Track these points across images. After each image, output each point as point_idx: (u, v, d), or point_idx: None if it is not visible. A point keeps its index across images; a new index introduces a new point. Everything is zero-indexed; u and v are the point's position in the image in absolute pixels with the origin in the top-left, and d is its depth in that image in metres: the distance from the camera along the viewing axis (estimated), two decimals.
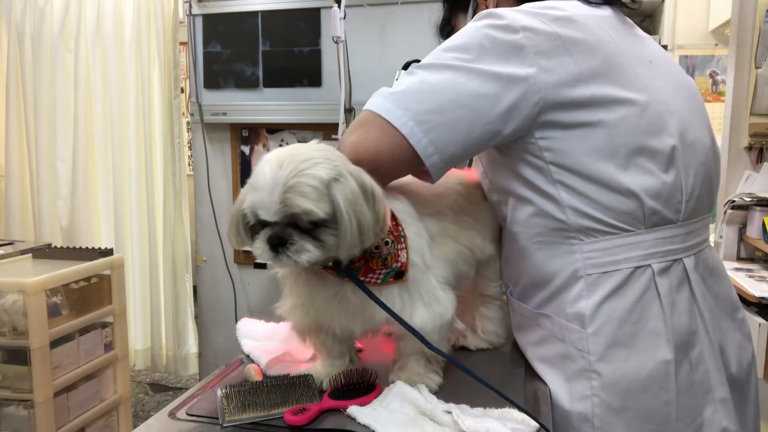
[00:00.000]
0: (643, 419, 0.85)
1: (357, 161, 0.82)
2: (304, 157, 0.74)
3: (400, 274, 0.83)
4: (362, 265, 0.81)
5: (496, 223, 1.04)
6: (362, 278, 0.81)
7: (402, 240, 0.83)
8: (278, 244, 0.75)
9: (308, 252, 0.75)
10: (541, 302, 0.94)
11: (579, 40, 0.84)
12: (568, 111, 0.84)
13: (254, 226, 0.78)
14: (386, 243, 0.81)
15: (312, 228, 0.75)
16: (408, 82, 0.86)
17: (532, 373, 0.97)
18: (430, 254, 0.88)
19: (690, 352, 0.87)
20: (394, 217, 0.83)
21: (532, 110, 0.83)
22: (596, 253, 0.87)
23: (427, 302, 0.85)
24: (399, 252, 0.83)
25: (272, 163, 0.74)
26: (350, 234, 0.74)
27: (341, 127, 2.25)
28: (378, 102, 0.85)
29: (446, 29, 1.15)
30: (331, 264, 0.81)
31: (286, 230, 0.75)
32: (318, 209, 0.73)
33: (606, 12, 0.93)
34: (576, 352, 0.88)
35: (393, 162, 0.85)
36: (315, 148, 0.78)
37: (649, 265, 0.86)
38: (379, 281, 0.82)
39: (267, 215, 0.74)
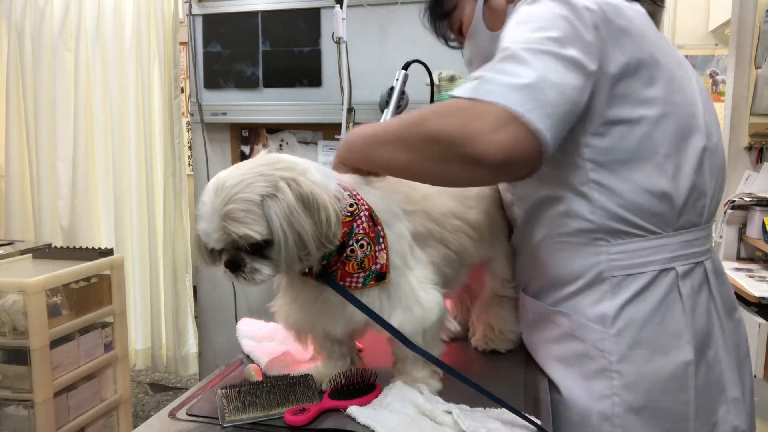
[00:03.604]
0: (662, 418, 0.86)
1: (507, 161, 0.73)
2: (237, 180, 0.74)
3: (381, 276, 0.82)
4: (339, 269, 0.80)
5: (493, 226, 1.03)
6: (341, 282, 0.80)
7: (381, 240, 0.82)
8: (236, 268, 0.76)
9: (260, 272, 0.76)
10: (557, 300, 0.93)
11: (628, 31, 0.82)
12: (612, 106, 0.82)
13: (214, 250, 0.78)
14: (361, 246, 0.80)
15: (261, 247, 0.75)
16: (524, 72, 0.75)
17: (532, 373, 0.97)
18: (412, 256, 0.87)
19: (707, 352, 0.88)
20: (371, 218, 0.82)
21: (586, 102, 0.80)
22: (622, 255, 0.86)
23: (406, 306, 0.83)
24: (377, 253, 0.81)
25: (210, 191, 0.75)
26: (287, 249, 0.74)
27: (342, 127, 2.25)
28: (515, 98, 0.73)
29: (440, 10, 1.06)
30: (307, 269, 0.80)
31: (238, 254, 0.76)
32: (254, 232, 0.73)
33: (640, 9, 0.90)
34: (596, 351, 0.87)
35: (523, 165, 0.76)
36: (251, 165, 0.77)
37: (674, 268, 0.86)
38: (359, 284, 0.81)
39: (213, 243, 0.76)
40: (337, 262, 0.80)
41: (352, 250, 0.80)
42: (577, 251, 0.89)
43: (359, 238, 0.80)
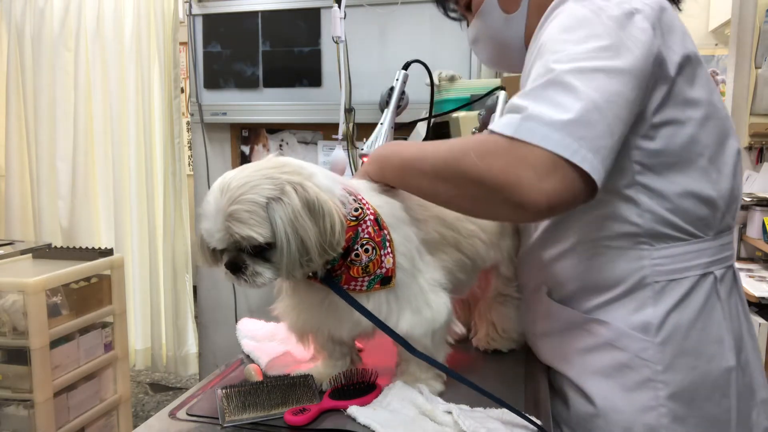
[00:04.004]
0: (705, 426, 0.85)
1: (555, 207, 0.70)
2: (243, 181, 0.74)
3: (386, 280, 0.81)
4: (343, 273, 0.80)
5: (502, 229, 1.02)
6: (345, 286, 0.80)
7: (387, 245, 0.81)
8: (236, 269, 0.76)
9: (261, 275, 0.76)
10: (592, 308, 0.89)
11: (675, 29, 0.80)
12: (663, 107, 0.80)
13: (215, 250, 0.78)
14: (366, 250, 0.79)
15: (263, 250, 0.75)
16: (569, 102, 0.69)
17: (532, 373, 0.97)
18: (420, 258, 0.86)
19: (740, 356, 0.87)
20: (377, 222, 0.81)
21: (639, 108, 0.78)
22: (665, 260, 0.84)
23: (416, 307, 0.83)
24: (383, 257, 0.80)
25: (215, 191, 0.75)
26: (289, 253, 0.73)
27: (341, 127, 2.25)
28: (560, 140, 0.68)
29: None
30: (311, 273, 0.80)
31: (240, 255, 0.76)
32: (257, 234, 0.72)
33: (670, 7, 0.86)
34: (639, 362, 0.84)
35: (574, 205, 0.72)
36: (258, 167, 0.76)
37: (712, 272, 0.85)
38: (363, 288, 0.80)
39: (215, 243, 0.75)
40: (342, 266, 0.80)
41: (357, 255, 0.79)
42: (618, 256, 0.86)
43: (364, 242, 0.79)
